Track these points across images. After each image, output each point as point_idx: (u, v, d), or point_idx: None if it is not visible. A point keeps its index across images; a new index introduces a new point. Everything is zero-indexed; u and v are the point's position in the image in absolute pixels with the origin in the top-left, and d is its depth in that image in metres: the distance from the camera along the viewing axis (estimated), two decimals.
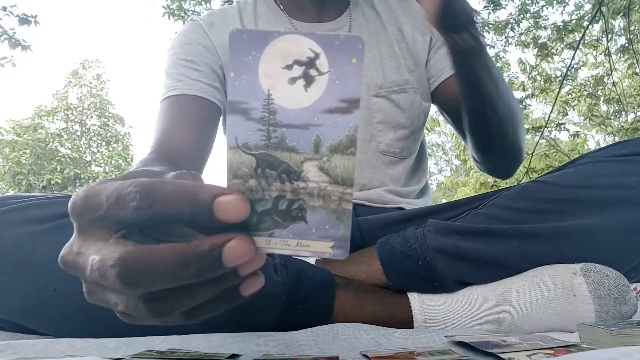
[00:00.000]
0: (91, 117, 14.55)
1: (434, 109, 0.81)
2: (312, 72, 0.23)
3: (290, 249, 0.26)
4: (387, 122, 0.72)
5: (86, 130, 14.44)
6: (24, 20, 3.47)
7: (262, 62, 0.23)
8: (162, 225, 0.25)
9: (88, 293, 0.26)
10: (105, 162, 14.01)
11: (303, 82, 0.23)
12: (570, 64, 4.80)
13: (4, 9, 3.44)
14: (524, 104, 5.28)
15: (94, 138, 14.55)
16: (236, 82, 0.23)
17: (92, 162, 14.22)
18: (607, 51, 4.70)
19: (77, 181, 12.41)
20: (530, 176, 4.63)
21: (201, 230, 0.26)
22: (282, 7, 0.76)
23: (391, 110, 0.72)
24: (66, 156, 13.08)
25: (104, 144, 14.60)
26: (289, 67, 0.23)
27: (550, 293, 0.45)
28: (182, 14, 4.13)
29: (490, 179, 5.38)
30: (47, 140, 13.00)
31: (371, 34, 0.75)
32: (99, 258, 0.23)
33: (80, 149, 14.03)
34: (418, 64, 0.75)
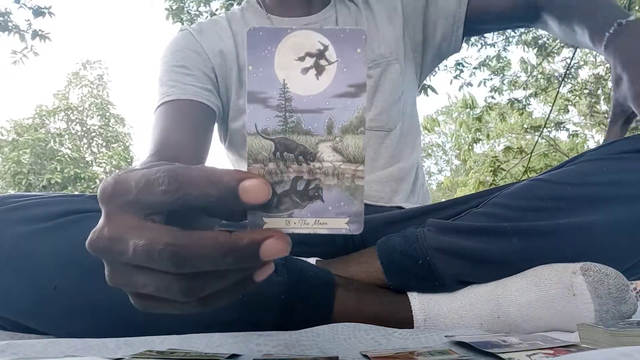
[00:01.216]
0: (92, 117, 14.56)
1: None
2: (322, 62, 0.26)
3: (309, 227, 0.27)
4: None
5: (87, 130, 14.44)
6: (39, 12, 3.46)
7: (277, 56, 0.26)
8: (186, 212, 0.26)
9: (111, 276, 0.27)
10: (106, 162, 14.01)
11: (314, 71, 0.26)
12: (571, 63, 4.80)
13: (17, 1, 3.43)
14: (525, 102, 5.28)
15: (94, 138, 14.55)
16: (254, 75, 0.26)
17: (93, 162, 14.22)
18: None
19: (77, 181, 12.40)
20: (529, 175, 4.63)
21: (222, 215, 0.28)
22: (268, 12, 0.79)
23: (369, 87, 0.75)
24: (66, 156, 13.06)
25: (104, 144, 14.60)
26: (301, 58, 0.26)
27: (550, 292, 0.45)
28: (183, 17, 4.14)
29: (489, 178, 5.38)
30: (47, 139, 13.00)
31: (353, 21, 0.79)
32: (143, 242, 0.24)
33: (81, 148, 14.03)
34: (395, 37, 0.77)
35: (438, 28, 0.78)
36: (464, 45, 0.85)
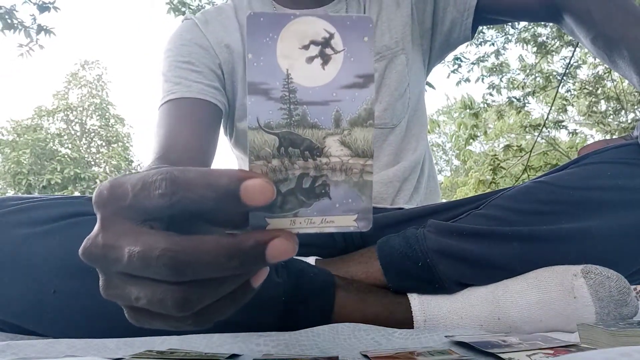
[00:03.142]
0: (91, 117, 14.55)
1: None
2: (328, 51, 0.24)
3: (315, 226, 0.26)
4: None
5: (86, 131, 14.44)
6: (44, 7, 3.46)
7: (280, 44, 0.24)
8: (186, 220, 0.25)
9: (105, 287, 0.25)
10: (106, 162, 14.02)
11: (320, 60, 0.24)
12: (570, 62, 4.80)
13: None
14: (524, 100, 5.27)
15: (94, 138, 14.55)
16: (254, 64, 0.24)
17: (93, 163, 14.23)
18: None
19: (77, 181, 12.41)
20: (528, 173, 4.62)
21: (223, 221, 0.26)
22: (276, 3, 0.76)
23: (375, 82, 0.72)
24: (66, 156, 13.06)
25: (104, 144, 14.60)
26: (305, 47, 0.24)
27: (551, 295, 0.45)
28: (185, 12, 4.10)
29: (489, 177, 5.37)
30: (47, 140, 13.01)
31: (362, 9, 0.76)
32: (139, 249, 0.23)
33: (81, 149, 14.03)
34: (402, 23, 0.74)
35: (448, 15, 0.74)
36: None
